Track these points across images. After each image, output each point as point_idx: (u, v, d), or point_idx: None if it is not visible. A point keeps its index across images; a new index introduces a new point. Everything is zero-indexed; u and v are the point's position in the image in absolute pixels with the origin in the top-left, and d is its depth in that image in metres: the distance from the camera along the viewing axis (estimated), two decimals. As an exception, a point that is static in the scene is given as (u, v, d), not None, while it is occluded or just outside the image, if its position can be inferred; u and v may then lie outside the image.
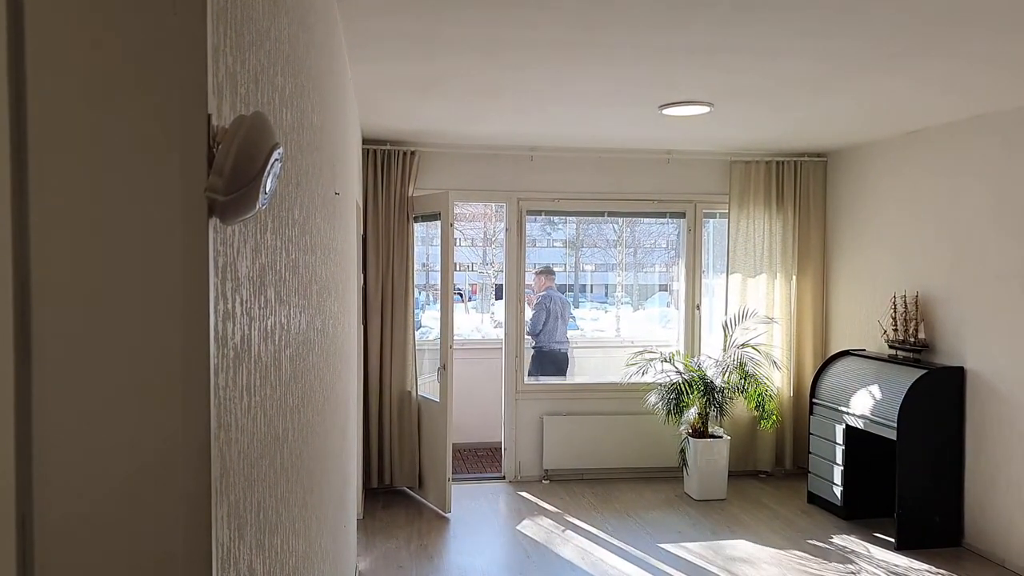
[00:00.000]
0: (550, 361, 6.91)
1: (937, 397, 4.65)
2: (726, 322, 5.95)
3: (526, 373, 6.29)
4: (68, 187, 0.56)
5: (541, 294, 7.16)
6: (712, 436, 5.62)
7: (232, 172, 0.65)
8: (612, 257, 18.04)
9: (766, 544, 4.72)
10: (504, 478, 6.03)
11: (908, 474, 4.60)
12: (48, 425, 0.55)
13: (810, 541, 4.78)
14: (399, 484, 5.66)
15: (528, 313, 6.52)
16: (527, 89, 4.02)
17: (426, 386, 5.71)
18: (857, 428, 4.97)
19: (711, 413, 5.60)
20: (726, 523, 5.10)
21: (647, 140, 5.61)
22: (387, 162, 5.56)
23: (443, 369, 5.13)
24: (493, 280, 17.50)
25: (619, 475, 6.04)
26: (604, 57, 3.40)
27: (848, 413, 5.03)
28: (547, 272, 7.45)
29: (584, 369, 7.86)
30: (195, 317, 0.63)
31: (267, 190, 0.73)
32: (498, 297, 16.04)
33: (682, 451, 5.61)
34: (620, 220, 14.61)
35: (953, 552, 4.61)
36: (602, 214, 6.64)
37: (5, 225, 0.53)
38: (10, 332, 0.53)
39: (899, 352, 5.06)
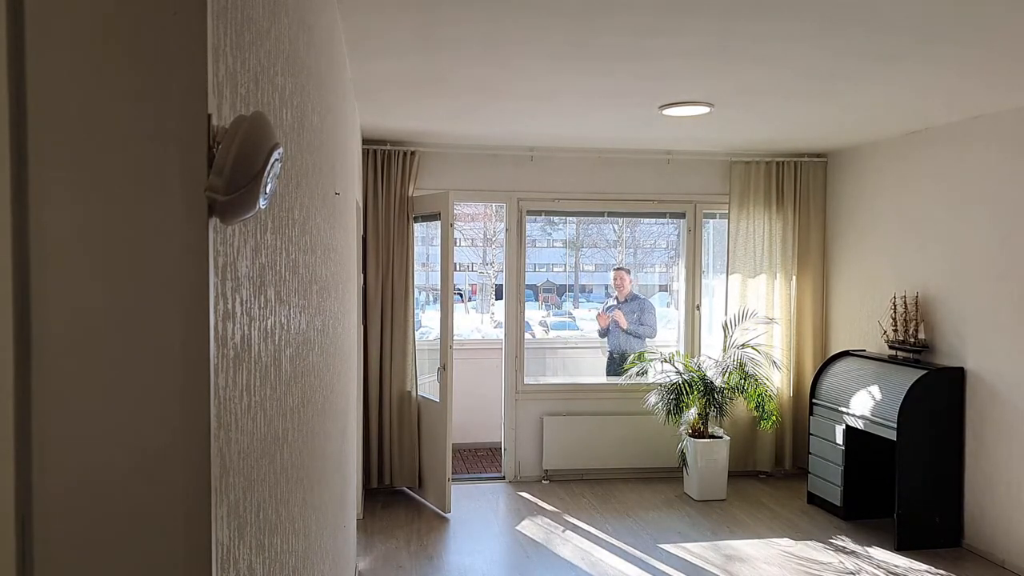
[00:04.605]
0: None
1: (937, 398, 4.65)
2: (726, 322, 5.95)
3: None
4: (68, 187, 0.56)
5: (629, 297, 6.70)
6: (712, 436, 5.62)
7: (232, 172, 0.65)
8: (612, 257, 18.06)
9: (766, 545, 4.72)
10: (504, 478, 6.02)
11: (908, 474, 4.60)
12: (48, 425, 0.55)
13: (810, 541, 4.78)
14: (399, 484, 5.66)
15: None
16: (527, 89, 4.02)
17: (426, 386, 5.71)
18: (857, 428, 4.97)
19: (711, 413, 5.60)
20: (726, 523, 5.09)
21: (647, 140, 5.61)
22: (387, 162, 5.56)
23: (443, 369, 5.13)
24: (493, 280, 17.52)
25: (619, 475, 6.04)
26: (604, 58, 3.40)
27: (848, 413, 5.02)
28: (627, 271, 6.89)
29: (583, 369, 7.87)
30: (195, 317, 0.63)
31: (267, 190, 0.73)
32: (498, 297, 16.06)
33: (682, 451, 5.61)
34: (620, 220, 14.66)
35: (953, 552, 4.61)
36: (602, 214, 6.63)
37: (5, 225, 0.53)
38: (10, 332, 0.53)
39: (899, 352, 5.06)
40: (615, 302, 6.82)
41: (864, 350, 5.47)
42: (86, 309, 0.57)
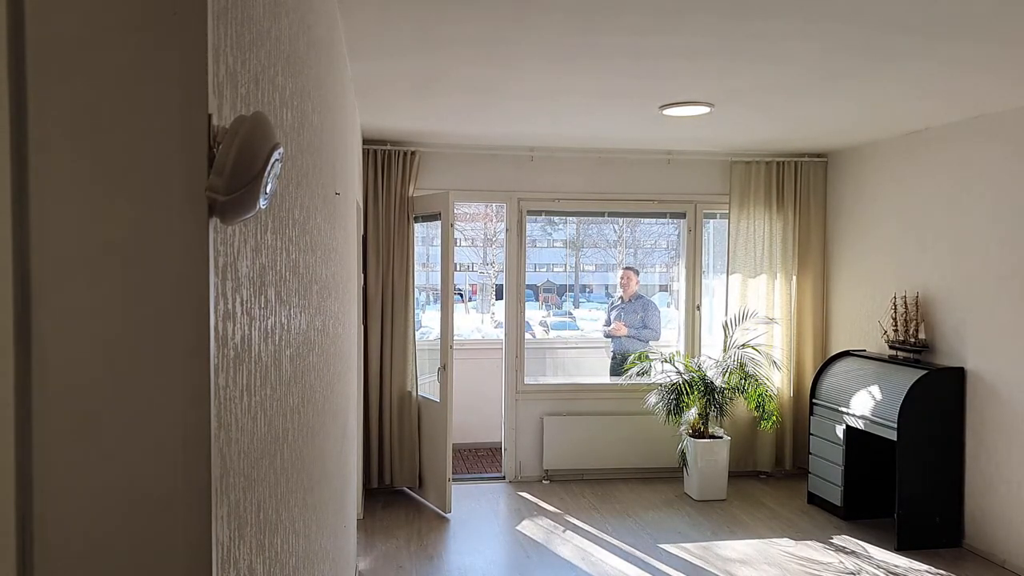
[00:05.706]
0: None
1: (937, 398, 4.65)
2: (726, 322, 5.95)
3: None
4: (68, 187, 0.56)
5: (633, 297, 6.74)
6: (712, 436, 5.62)
7: (232, 172, 0.66)
8: (612, 257, 18.07)
9: (766, 545, 4.72)
10: (504, 478, 6.02)
11: (908, 474, 4.60)
12: (48, 425, 0.55)
13: (810, 541, 4.78)
14: (399, 484, 5.66)
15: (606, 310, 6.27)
16: (527, 89, 4.02)
17: (426, 386, 5.71)
18: (857, 428, 4.97)
19: (711, 413, 5.60)
20: (726, 523, 5.09)
21: (647, 140, 5.61)
22: (387, 162, 5.56)
23: (443, 369, 5.13)
24: (493, 280, 17.53)
25: (619, 475, 6.04)
26: (605, 57, 3.40)
27: (848, 413, 5.02)
28: (636, 271, 7.00)
29: (584, 369, 7.87)
30: (195, 317, 0.63)
31: (267, 190, 0.73)
32: (498, 297, 16.07)
33: (682, 451, 5.61)
34: (620, 220, 14.67)
35: (953, 552, 4.61)
36: (602, 214, 6.64)
37: (5, 225, 0.53)
38: (10, 332, 0.53)
39: (899, 352, 5.06)
40: (620, 301, 6.82)
41: (864, 350, 5.47)
42: (86, 309, 0.57)
